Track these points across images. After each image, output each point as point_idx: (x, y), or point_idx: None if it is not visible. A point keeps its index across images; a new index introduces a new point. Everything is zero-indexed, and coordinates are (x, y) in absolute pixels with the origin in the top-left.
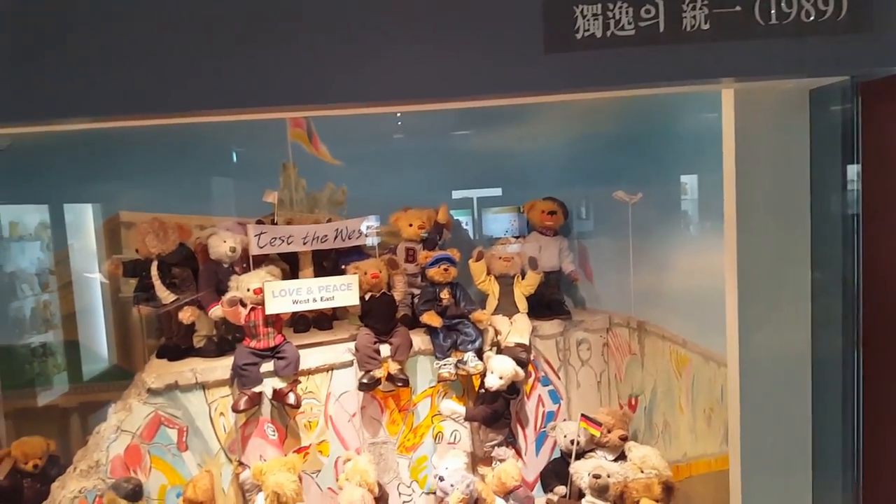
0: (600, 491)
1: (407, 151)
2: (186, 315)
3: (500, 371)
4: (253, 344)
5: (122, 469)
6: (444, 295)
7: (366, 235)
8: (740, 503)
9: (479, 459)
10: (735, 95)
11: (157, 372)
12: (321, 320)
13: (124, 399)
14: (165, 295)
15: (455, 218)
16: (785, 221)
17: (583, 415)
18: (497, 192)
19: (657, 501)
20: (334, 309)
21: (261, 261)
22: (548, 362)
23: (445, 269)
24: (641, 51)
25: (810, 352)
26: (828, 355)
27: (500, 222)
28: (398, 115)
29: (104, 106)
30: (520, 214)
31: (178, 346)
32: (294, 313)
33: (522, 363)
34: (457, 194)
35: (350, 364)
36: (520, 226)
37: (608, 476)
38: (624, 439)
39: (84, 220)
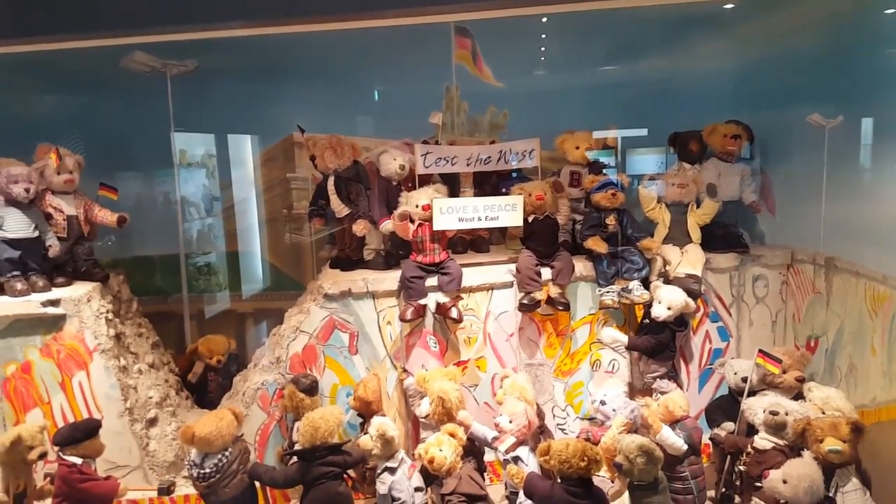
0: (776, 428)
1: (557, 85)
2: (360, 228)
3: (668, 301)
4: (420, 258)
5: (300, 366)
6: (610, 221)
7: (528, 158)
8: None
9: (637, 391)
10: None
11: (333, 279)
12: (478, 243)
13: (299, 305)
14: (341, 208)
15: (598, 159)
16: None
17: (760, 350)
18: (643, 131)
19: (844, 442)
20: (491, 233)
21: (425, 181)
22: (719, 297)
23: (613, 195)
24: None
25: None
26: None
27: (646, 163)
28: (543, 49)
29: (265, 11)
30: (670, 154)
31: (349, 257)
32: (452, 236)
33: (693, 295)
34: (598, 135)
35: (510, 285)
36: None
37: (786, 414)
38: (800, 381)
39: (245, 149)
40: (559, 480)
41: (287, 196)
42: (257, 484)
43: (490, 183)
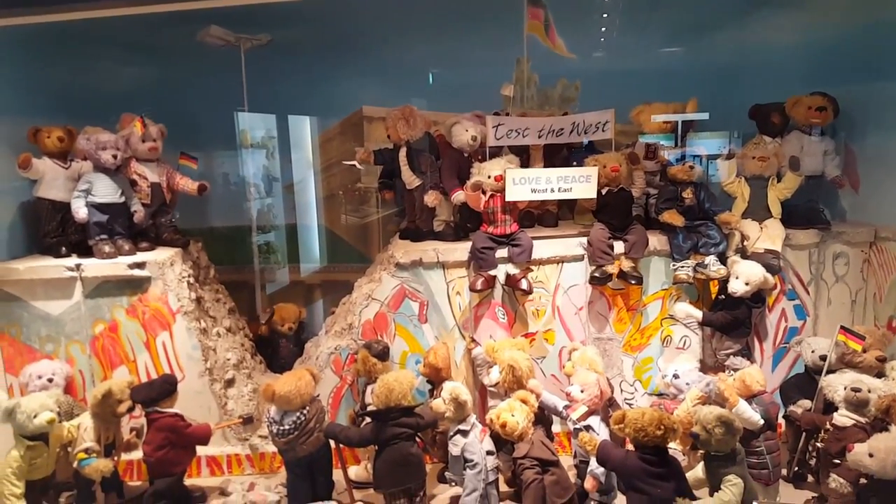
0: (858, 405)
1: (628, 60)
2: (431, 198)
3: (747, 276)
4: (490, 230)
5: (371, 332)
6: (687, 194)
7: (602, 130)
8: None
9: (709, 368)
10: None
11: (404, 249)
12: (546, 217)
13: (369, 274)
14: (412, 179)
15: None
16: None
17: (842, 327)
18: (704, 115)
19: None
20: (559, 208)
21: (495, 154)
22: (797, 275)
23: (691, 167)
24: None
25: None
26: None
27: (710, 146)
28: (606, 29)
29: None
30: (735, 138)
31: (419, 228)
32: (522, 208)
33: (773, 270)
34: (665, 118)
35: (580, 258)
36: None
37: (869, 391)
38: (882, 360)
39: (314, 124)
40: (633, 449)
41: (355, 171)
42: (331, 443)
43: (560, 156)
